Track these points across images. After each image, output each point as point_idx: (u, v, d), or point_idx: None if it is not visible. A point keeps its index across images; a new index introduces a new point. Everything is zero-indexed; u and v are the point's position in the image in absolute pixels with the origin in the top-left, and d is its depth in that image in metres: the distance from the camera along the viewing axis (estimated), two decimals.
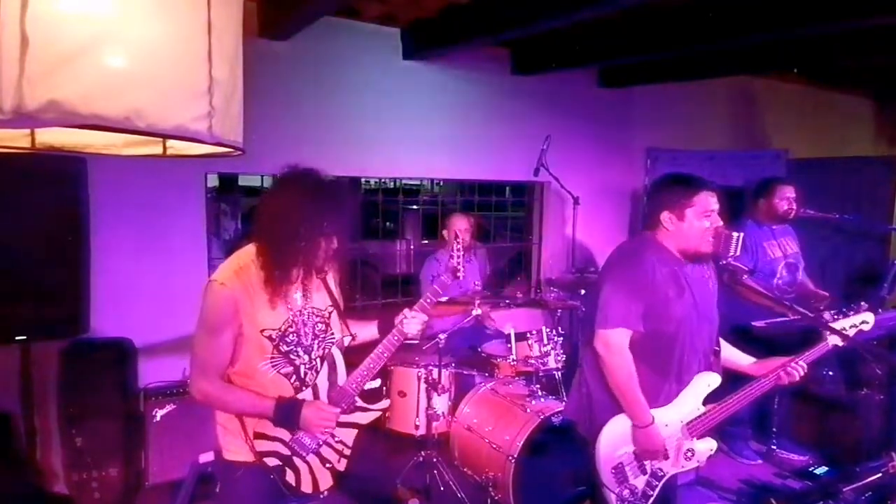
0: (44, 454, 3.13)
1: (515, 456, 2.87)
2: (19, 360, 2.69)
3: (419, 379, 3.37)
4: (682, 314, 2.10)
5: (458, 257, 2.12)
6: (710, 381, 2.19)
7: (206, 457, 3.07)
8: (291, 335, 1.89)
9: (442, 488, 3.13)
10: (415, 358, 3.43)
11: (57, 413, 3.10)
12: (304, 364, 1.93)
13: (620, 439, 2.14)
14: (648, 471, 2.16)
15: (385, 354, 2.03)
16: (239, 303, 1.79)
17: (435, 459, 3.16)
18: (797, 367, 2.18)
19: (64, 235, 2.55)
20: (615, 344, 2.08)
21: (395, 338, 2.03)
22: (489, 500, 3.03)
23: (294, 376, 1.91)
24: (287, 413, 1.85)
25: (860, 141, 7.07)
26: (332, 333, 2.02)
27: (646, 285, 2.07)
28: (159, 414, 3.21)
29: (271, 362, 1.87)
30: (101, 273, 3.08)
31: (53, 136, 1.15)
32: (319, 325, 1.98)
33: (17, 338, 2.54)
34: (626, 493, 2.14)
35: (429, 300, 2.07)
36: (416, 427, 3.38)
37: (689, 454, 2.19)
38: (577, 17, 3.07)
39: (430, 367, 3.26)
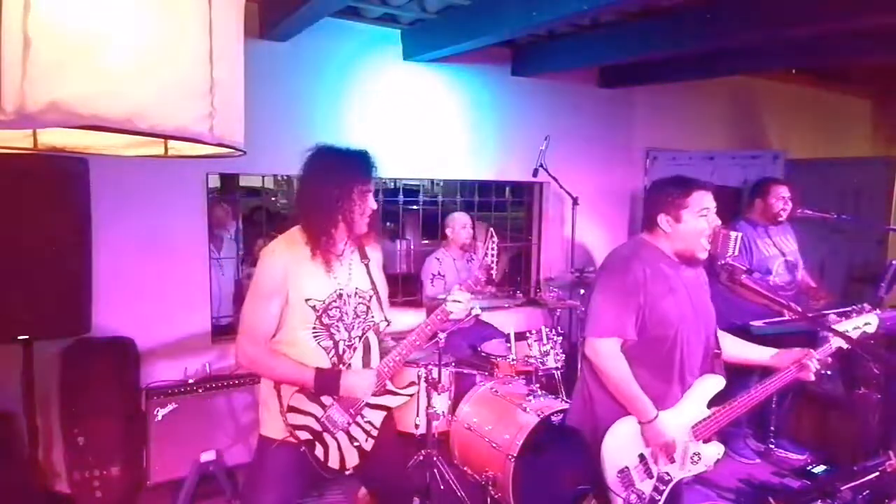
0: (46, 453, 3.14)
1: (515, 455, 2.88)
2: (21, 360, 2.70)
3: (419, 378, 3.38)
4: (679, 317, 2.09)
5: (493, 256, 2.17)
6: (713, 383, 2.19)
7: (208, 456, 3.09)
8: (335, 309, 2.00)
9: (442, 487, 3.14)
10: (415, 357, 3.43)
11: (59, 412, 3.11)
12: (344, 341, 2.03)
13: (626, 442, 2.12)
14: (655, 475, 2.15)
15: (422, 336, 2.12)
16: (287, 268, 1.92)
17: (435, 458, 3.16)
18: (814, 361, 2.16)
19: (66, 236, 2.55)
20: (604, 351, 2.08)
21: (437, 317, 2.13)
22: (489, 499, 3.04)
23: (333, 351, 2.01)
24: (328, 379, 1.96)
25: (858, 141, 7.08)
26: (372, 316, 2.13)
27: (637, 292, 2.06)
28: (161, 413, 3.22)
29: (313, 332, 1.97)
30: (102, 273, 3.09)
31: (55, 137, 1.15)
32: (361, 306, 2.08)
33: (18, 337, 2.54)
34: (633, 497, 2.12)
35: (470, 284, 2.15)
36: (416, 426, 3.39)
37: (696, 458, 2.17)
38: (577, 19, 3.08)
39: (430, 367, 3.27)
